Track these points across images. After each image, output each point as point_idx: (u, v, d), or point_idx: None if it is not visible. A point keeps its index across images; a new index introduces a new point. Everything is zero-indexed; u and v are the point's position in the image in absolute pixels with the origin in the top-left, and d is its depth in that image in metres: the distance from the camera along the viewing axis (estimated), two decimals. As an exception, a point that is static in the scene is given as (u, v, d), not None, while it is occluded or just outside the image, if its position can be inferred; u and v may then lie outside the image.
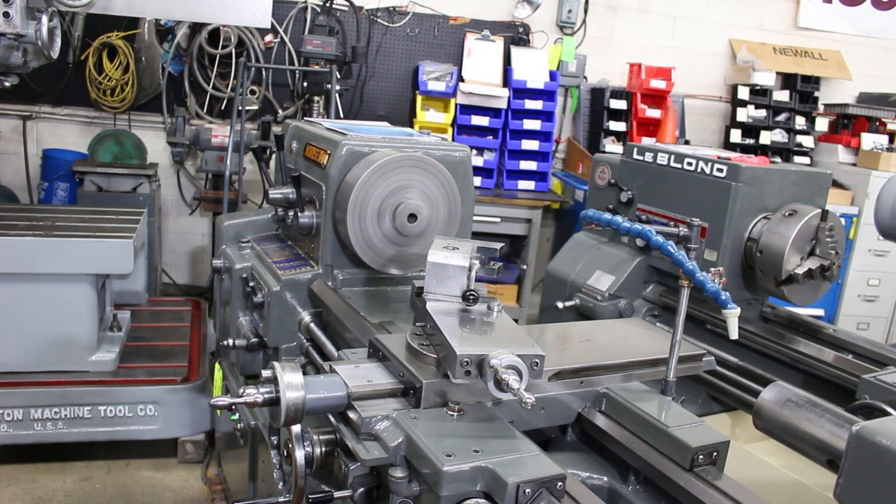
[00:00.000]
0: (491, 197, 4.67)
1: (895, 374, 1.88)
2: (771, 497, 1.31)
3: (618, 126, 5.09)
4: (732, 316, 1.59)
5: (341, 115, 4.73)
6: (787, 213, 2.40)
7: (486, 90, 4.77)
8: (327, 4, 4.81)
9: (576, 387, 1.53)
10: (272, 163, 3.89)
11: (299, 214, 2.29)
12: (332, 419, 1.33)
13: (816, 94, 5.46)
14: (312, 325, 2.19)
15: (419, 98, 4.81)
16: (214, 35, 4.67)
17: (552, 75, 4.93)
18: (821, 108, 5.52)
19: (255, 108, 4.78)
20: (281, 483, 2.10)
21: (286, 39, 4.85)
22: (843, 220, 2.48)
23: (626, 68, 5.22)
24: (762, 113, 5.36)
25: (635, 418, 1.45)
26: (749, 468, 1.98)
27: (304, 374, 1.29)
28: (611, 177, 2.91)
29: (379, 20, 4.99)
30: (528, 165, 4.89)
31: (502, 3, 5.16)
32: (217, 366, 2.86)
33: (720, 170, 2.46)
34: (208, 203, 4.72)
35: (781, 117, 5.40)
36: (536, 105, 4.83)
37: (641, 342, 1.78)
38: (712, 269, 1.57)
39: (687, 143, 5.17)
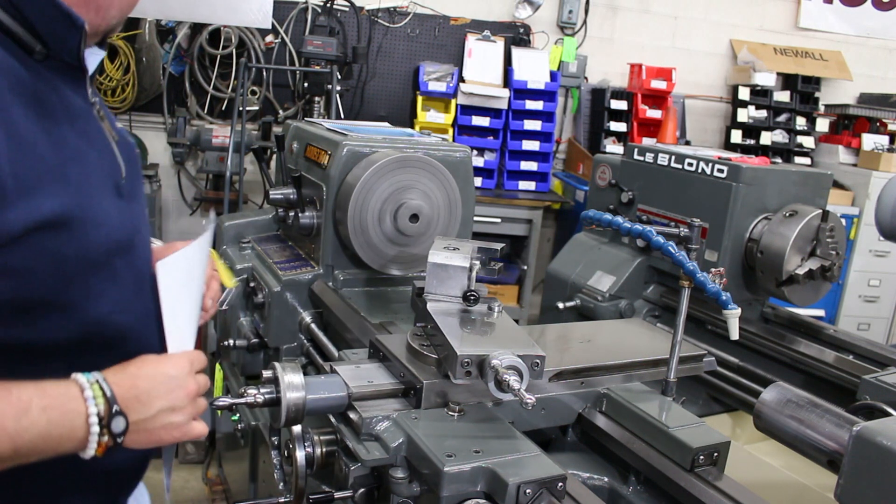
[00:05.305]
0: (491, 197, 4.67)
1: (896, 374, 1.88)
2: (772, 498, 1.31)
3: (618, 126, 5.08)
4: (733, 316, 1.59)
5: (342, 116, 4.73)
6: (787, 214, 2.40)
7: (487, 91, 4.77)
8: (328, 5, 4.81)
9: (576, 387, 1.53)
10: (273, 163, 3.89)
11: (300, 215, 2.29)
12: (332, 419, 1.33)
13: (817, 94, 5.45)
14: (313, 325, 2.19)
15: (420, 98, 4.81)
16: (215, 36, 4.67)
17: (553, 76, 4.92)
18: (821, 108, 5.51)
19: (256, 108, 4.78)
20: (281, 483, 2.11)
21: (287, 40, 4.85)
22: (843, 221, 2.48)
23: (627, 69, 5.22)
24: (763, 113, 5.36)
25: (636, 419, 1.45)
26: (750, 469, 1.98)
27: (305, 374, 1.29)
28: (611, 177, 2.91)
29: (380, 21, 4.99)
30: (528, 166, 4.88)
31: (503, 3, 5.16)
32: (218, 366, 2.86)
33: (721, 170, 2.46)
34: (209, 203, 4.72)
35: (782, 118, 5.40)
36: (537, 105, 4.83)
37: (642, 343, 1.78)
38: (713, 270, 1.57)
39: (688, 143, 5.17)
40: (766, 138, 5.32)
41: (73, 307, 1.06)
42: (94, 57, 1.12)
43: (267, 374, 1.29)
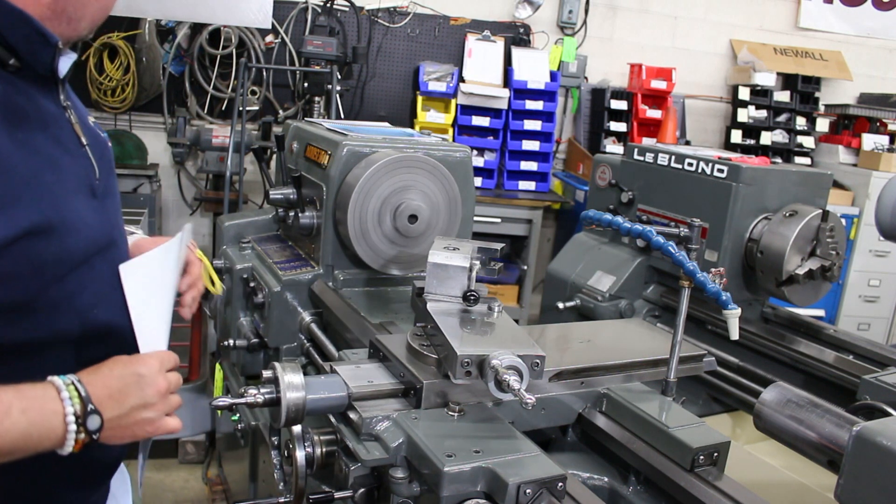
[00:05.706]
0: (491, 197, 4.67)
1: (896, 374, 1.88)
2: (772, 498, 1.31)
3: (618, 126, 5.08)
4: (733, 316, 1.59)
5: (342, 116, 4.73)
6: (787, 214, 2.40)
7: (487, 91, 4.77)
8: (328, 5, 4.81)
9: (576, 387, 1.53)
10: (273, 163, 3.89)
11: (300, 215, 2.29)
12: (332, 419, 1.33)
13: (817, 94, 5.45)
14: (313, 325, 2.19)
15: (420, 98, 4.81)
16: (215, 35, 4.67)
17: (553, 76, 4.92)
18: (821, 108, 5.51)
19: (256, 108, 4.78)
20: (281, 483, 2.11)
21: (287, 40, 4.85)
22: (843, 221, 2.48)
23: (627, 69, 5.22)
24: (763, 113, 5.36)
25: (636, 419, 1.45)
26: (750, 469, 1.98)
27: (305, 374, 1.29)
28: (611, 177, 2.91)
29: (380, 21, 4.99)
30: (528, 166, 4.88)
31: (503, 3, 5.16)
32: (217, 366, 2.86)
33: (721, 170, 2.46)
34: (209, 203, 4.72)
35: (782, 118, 5.40)
36: (537, 105, 4.83)
37: (642, 343, 1.78)
38: (713, 270, 1.57)
39: (688, 143, 5.17)
40: (766, 138, 5.32)
41: (54, 306, 1.10)
42: (66, 61, 1.15)
43: (267, 374, 1.29)
